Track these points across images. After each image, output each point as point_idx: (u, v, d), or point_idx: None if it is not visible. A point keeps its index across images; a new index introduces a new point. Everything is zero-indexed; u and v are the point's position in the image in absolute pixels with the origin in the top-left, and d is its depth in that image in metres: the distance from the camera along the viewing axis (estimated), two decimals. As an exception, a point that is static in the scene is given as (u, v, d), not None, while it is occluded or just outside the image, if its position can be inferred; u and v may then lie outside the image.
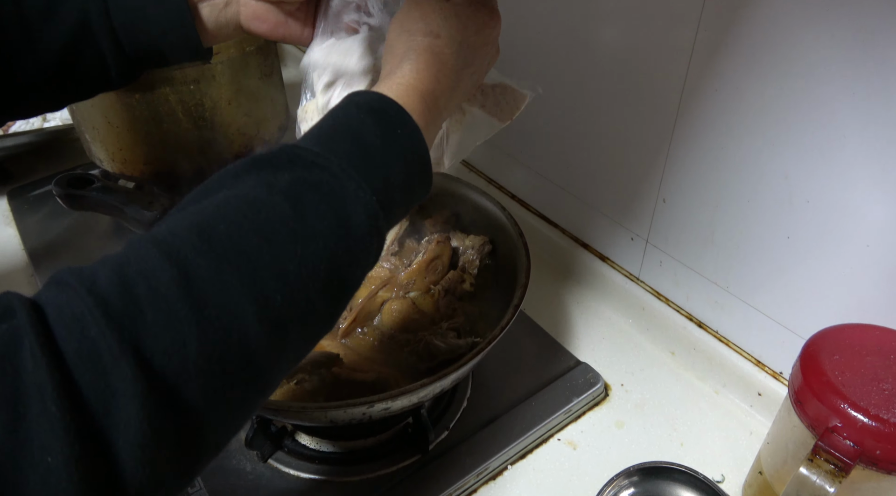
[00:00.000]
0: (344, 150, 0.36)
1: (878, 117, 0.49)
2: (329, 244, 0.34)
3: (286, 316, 0.32)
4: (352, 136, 0.37)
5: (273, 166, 0.35)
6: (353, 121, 0.38)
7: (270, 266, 0.31)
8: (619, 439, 0.67)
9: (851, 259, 0.55)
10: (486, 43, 0.46)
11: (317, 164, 0.35)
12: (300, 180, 0.34)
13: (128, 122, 0.80)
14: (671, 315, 0.75)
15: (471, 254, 0.69)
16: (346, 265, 0.35)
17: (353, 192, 0.35)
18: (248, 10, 0.50)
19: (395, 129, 0.38)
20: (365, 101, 0.39)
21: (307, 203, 0.34)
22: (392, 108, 0.39)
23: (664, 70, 0.64)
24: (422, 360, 0.57)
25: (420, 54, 0.41)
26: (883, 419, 0.44)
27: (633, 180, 0.74)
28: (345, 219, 0.35)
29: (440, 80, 0.42)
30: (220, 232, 0.31)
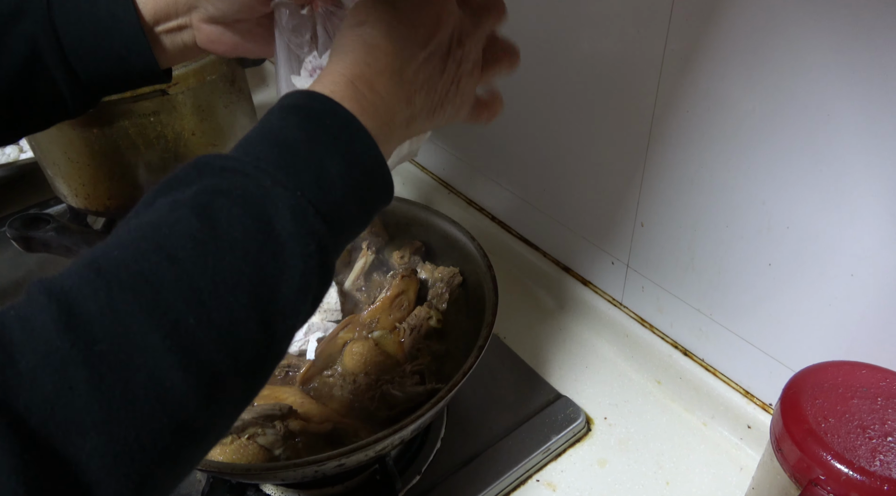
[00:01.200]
0: (262, 150, 0.32)
1: (861, 141, 0.45)
2: (249, 252, 0.29)
3: (205, 339, 0.27)
4: (272, 136, 0.33)
5: (182, 182, 0.31)
6: (275, 122, 0.34)
7: (176, 285, 0.27)
8: (602, 479, 0.63)
9: (836, 289, 0.51)
10: (435, 23, 0.39)
11: (227, 168, 0.31)
12: (208, 188, 0.30)
13: (87, 157, 0.78)
14: (656, 342, 0.72)
15: (440, 288, 0.66)
16: (275, 274, 0.30)
17: (270, 189, 0.31)
18: (203, 33, 0.48)
19: (323, 120, 0.34)
20: (290, 101, 0.35)
21: (216, 210, 0.29)
22: (318, 101, 0.35)
23: (635, 88, 0.61)
24: (381, 409, 0.54)
25: (345, 42, 0.38)
26: (869, 472, 0.40)
27: (610, 203, 0.71)
28: (264, 221, 0.30)
29: (370, 62, 0.37)
30: (112, 258, 0.27)
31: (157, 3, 0.46)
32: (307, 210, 0.31)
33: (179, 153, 0.82)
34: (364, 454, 0.48)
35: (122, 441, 0.24)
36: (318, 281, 0.32)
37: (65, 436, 0.23)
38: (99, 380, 0.24)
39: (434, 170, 1.03)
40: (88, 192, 0.81)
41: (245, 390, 0.30)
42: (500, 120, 0.81)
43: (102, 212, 0.84)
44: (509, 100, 0.79)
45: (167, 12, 0.46)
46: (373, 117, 0.36)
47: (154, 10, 0.46)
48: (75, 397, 0.24)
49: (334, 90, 0.35)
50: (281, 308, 0.30)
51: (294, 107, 0.35)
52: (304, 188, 0.32)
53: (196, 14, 0.46)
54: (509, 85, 0.78)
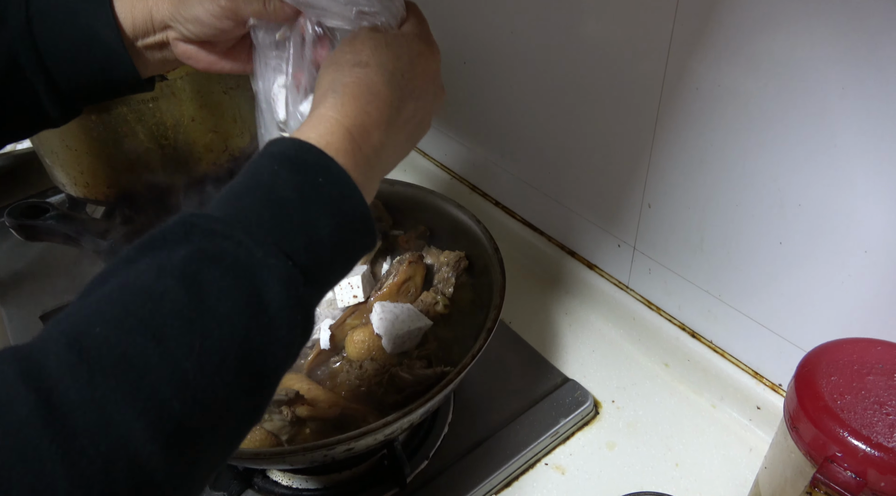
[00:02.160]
0: (251, 210, 0.31)
1: (874, 114, 0.44)
2: (237, 328, 0.28)
3: (190, 423, 0.26)
4: (262, 192, 0.32)
5: (167, 244, 0.29)
6: (264, 175, 0.32)
7: (161, 368, 0.26)
8: (611, 462, 0.63)
9: (849, 266, 0.51)
10: (425, 74, 0.41)
11: (217, 232, 0.30)
12: (196, 255, 0.29)
13: (86, 144, 0.77)
14: (663, 325, 0.71)
15: (446, 272, 0.65)
16: (262, 348, 0.29)
17: (262, 259, 0.30)
18: (179, 50, 0.47)
19: (316, 178, 0.33)
20: (280, 150, 0.33)
21: (205, 282, 0.28)
22: (311, 154, 0.33)
23: (642, 68, 0.60)
24: (389, 393, 0.53)
25: (346, 86, 0.36)
26: (887, 447, 0.40)
27: (617, 185, 0.70)
28: (254, 294, 0.29)
29: (370, 112, 0.36)
30: (94, 337, 0.26)
31: (135, 19, 0.45)
32: (297, 279, 0.31)
33: (180, 140, 0.80)
34: (373, 438, 0.48)
35: None
36: (301, 341, 0.32)
37: None
38: (79, 478, 0.23)
39: (437, 157, 1.02)
40: (87, 180, 0.80)
41: (225, 451, 0.30)
42: (505, 102, 0.81)
43: (102, 200, 0.83)
44: (515, 84, 0.78)
45: (145, 29, 0.46)
46: (363, 169, 0.35)
47: (133, 25, 0.45)
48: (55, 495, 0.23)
49: (330, 142, 0.34)
50: (266, 378, 0.30)
51: (286, 158, 0.33)
52: (294, 256, 0.31)
53: (171, 32, 0.46)
54: (515, 70, 0.77)
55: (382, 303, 0.59)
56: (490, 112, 0.85)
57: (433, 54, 0.42)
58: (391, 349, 0.57)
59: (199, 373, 0.27)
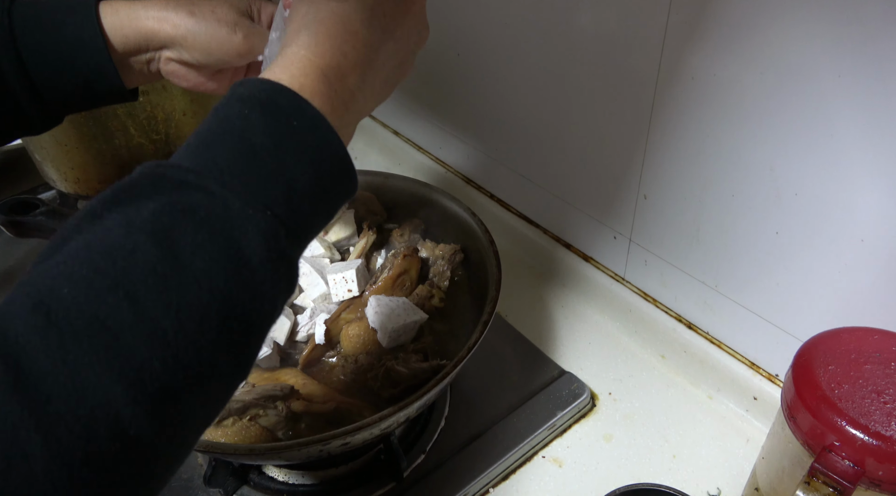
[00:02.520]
0: (224, 159, 0.29)
1: (870, 102, 0.44)
2: (216, 284, 0.27)
3: (173, 383, 0.25)
4: (233, 139, 0.30)
5: (134, 196, 0.27)
6: (234, 120, 0.30)
7: (138, 328, 0.25)
8: (608, 454, 0.63)
9: (846, 255, 0.51)
10: (409, 12, 0.38)
11: (188, 182, 0.28)
12: (167, 209, 0.27)
13: (76, 139, 0.76)
14: (659, 316, 0.71)
15: (441, 265, 0.64)
16: (245, 303, 0.28)
17: (240, 210, 0.28)
18: (168, 68, 0.47)
19: (290, 122, 0.30)
20: (249, 92, 0.31)
21: (178, 237, 0.26)
22: (284, 96, 0.31)
23: (637, 59, 0.59)
24: (384, 387, 0.53)
25: (321, 22, 0.33)
26: (885, 436, 0.40)
27: (612, 176, 0.69)
28: (233, 248, 0.27)
29: (346, 52, 0.33)
30: (62, 298, 0.24)
31: (126, 37, 0.44)
32: (278, 231, 0.29)
33: (171, 135, 0.80)
34: (369, 432, 0.47)
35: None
36: (286, 295, 0.31)
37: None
38: (57, 445, 0.22)
39: (431, 150, 1.01)
40: (78, 176, 0.79)
41: (210, 414, 0.29)
42: (499, 94, 0.80)
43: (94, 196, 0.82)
44: (510, 75, 0.78)
45: (138, 46, 0.45)
46: (339, 113, 0.33)
47: (124, 42, 0.45)
48: (31, 465, 0.22)
49: (303, 84, 0.32)
50: (250, 335, 0.29)
51: (256, 101, 0.31)
52: (274, 206, 0.29)
53: (167, 52, 0.46)
54: (510, 60, 0.77)
55: (377, 297, 0.59)
56: (484, 105, 0.84)
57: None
58: (386, 343, 0.56)
59: (178, 332, 0.25)
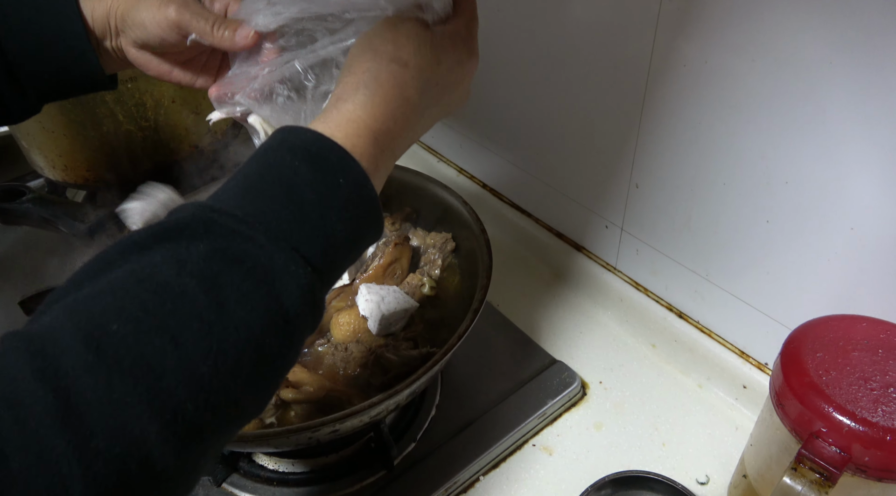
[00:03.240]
0: (272, 210, 0.30)
1: (861, 89, 0.44)
2: (254, 333, 0.28)
3: (200, 422, 0.27)
4: (282, 191, 0.31)
5: (185, 237, 0.29)
6: (284, 170, 0.31)
7: (178, 371, 0.26)
8: (598, 442, 0.63)
9: (836, 243, 0.51)
10: (459, 83, 0.40)
11: (239, 232, 0.29)
12: (217, 255, 0.29)
13: (63, 126, 0.75)
14: (650, 306, 0.71)
15: (432, 254, 0.64)
16: (276, 350, 0.29)
17: (284, 265, 0.30)
18: (132, 56, 0.47)
19: (337, 179, 0.32)
20: (300, 142, 0.32)
21: (225, 285, 0.28)
22: (334, 154, 0.32)
23: (630, 46, 0.59)
24: (374, 375, 0.53)
25: (381, 84, 0.35)
26: (871, 422, 0.40)
27: (604, 166, 0.69)
28: (274, 300, 0.29)
29: (398, 119, 0.35)
30: (113, 335, 0.26)
31: (95, 20, 0.45)
32: (314, 284, 0.31)
33: (160, 122, 0.79)
34: (359, 419, 0.47)
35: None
36: (309, 336, 0.33)
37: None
38: (93, 479, 0.24)
39: (424, 140, 1.01)
40: (66, 163, 0.79)
41: (227, 442, 0.31)
42: (492, 85, 0.80)
43: (82, 184, 0.81)
44: (501, 64, 0.77)
45: (103, 31, 0.45)
46: (382, 174, 0.35)
47: (93, 25, 0.45)
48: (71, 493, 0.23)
49: (355, 145, 0.33)
50: (276, 377, 0.31)
51: (307, 154, 0.32)
52: (313, 261, 0.31)
53: (123, 38, 0.46)
54: (501, 49, 0.76)
55: (368, 286, 0.58)
56: (476, 94, 0.83)
57: (472, 62, 0.41)
58: (377, 331, 0.56)
59: (213, 377, 0.27)
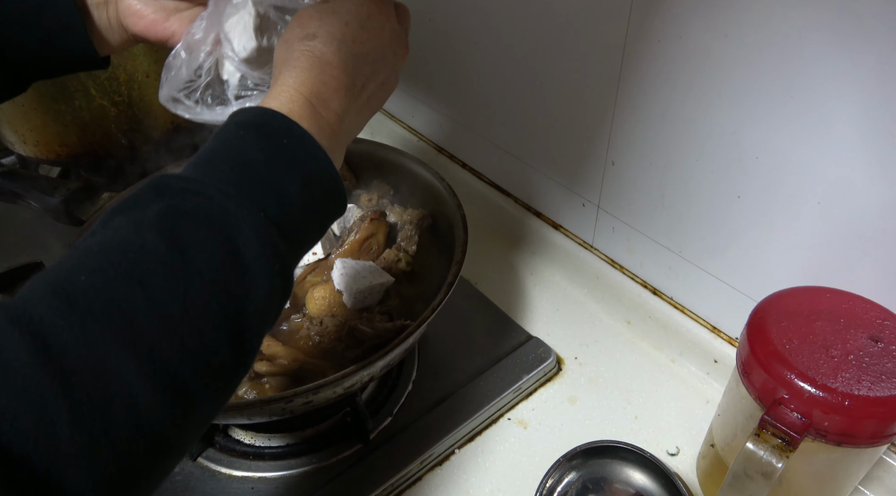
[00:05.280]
0: (222, 171, 0.33)
1: (830, 64, 0.45)
2: (217, 278, 0.30)
3: (179, 363, 0.27)
4: (230, 155, 0.33)
5: (140, 203, 0.31)
6: (231, 140, 0.34)
7: (149, 312, 0.27)
8: (572, 416, 0.64)
9: (803, 217, 0.52)
10: (379, 36, 0.41)
11: (189, 189, 0.31)
12: (171, 210, 0.30)
13: (34, 100, 0.74)
14: (626, 283, 0.72)
15: (409, 230, 0.64)
16: (242, 296, 0.30)
17: (235, 212, 0.31)
18: (124, 5, 0.46)
19: (281, 139, 0.34)
20: (245, 118, 0.35)
21: (182, 235, 0.29)
22: (275, 119, 0.35)
23: (606, 22, 0.59)
24: (349, 348, 0.53)
25: (298, 59, 0.38)
26: (831, 388, 0.41)
27: (580, 144, 0.69)
28: (230, 244, 0.30)
29: (325, 81, 0.37)
30: (79, 284, 0.27)
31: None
32: (270, 231, 0.32)
33: (134, 97, 0.78)
34: (332, 391, 0.48)
35: (102, 469, 0.25)
36: (281, 296, 0.34)
37: (48, 468, 0.23)
38: (79, 414, 0.24)
39: (402, 117, 1.01)
40: (38, 138, 0.77)
41: (216, 402, 0.31)
42: (470, 61, 0.79)
43: (55, 160, 0.80)
44: (478, 44, 0.77)
45: None
46: (327, 134, 0.37)
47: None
48: (57, 431, 0.24)
49: (292, 109, 0.36)
50: (248, 326, 0.31)
51: (251, 124, 0.35)
52: (266, 209, 0.32)
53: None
54: (477, 28, 0.76)
55: (343, 260, 0.58)
56: (455, 72, 0.83)
57: (386, 14, 0.42)
58: (352, 305, 0.56)
59: (185, 318, 0.28)
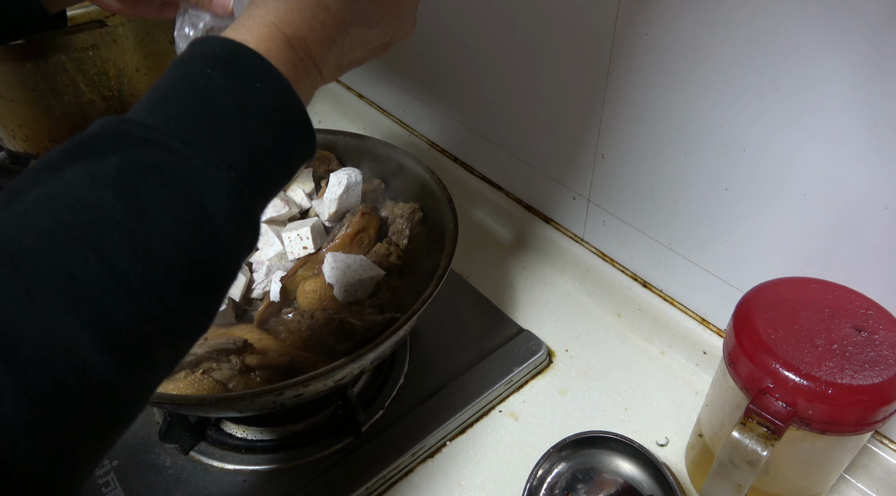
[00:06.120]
0: (187, 118, 0.29)
1: (814, 56, 0.45)
2: (181, 240, 0.27)
3: (139, 334, 0.26)
4: (196, 99, 0.30)
5: (97, 150, 0.27)
6: (196, 78, 0.30)
7: (105, 281, 0.25)
8: (563, 407, 0.64)
9: (789, 209, 0.52)
10: (393, 4, 0.37)
11: (152, 140, 0.28)
12: (131, 164, 0.27)
13: (23, 95, 0.73)
14: (616, 276, 0.72)
15: (400, 224, 0.64)
16: (209, 260, 0.28)
17: (204, 169, 0.28)
18: None
19: (254, 84, 0.31)
20: (212, 50, 0.31)
21: (143, 193, 0.27)
22: (247, 58, 0.31)
23: (594, 15, 0.59)
24: (340, 341, 0.53)
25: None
26: (815, 377, 0.41)
27: (571, 137, 0.70)
28: (197, 206, 0.28)
29: (315, 27, 0.33)
30: (28, 248, 0.24)
31: None
32: (241, 189, 0.30)
33: (124, 91, 0.77)
34: (322, 383, 0.48)
35: (53, 442, 0.24)
36: (248, 251, 0.32)
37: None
38: (26, 388, 0.23)
39: (392, 111, 1.00)
40: (27, 133, 0.77)
41: (175, 362, 0.30)
42: (458, 57, 0.80)
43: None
44: (468, 37, 0.77)
45: None
46: (302, 85, 0.34)
47: None
48: (3, 407, 0.22)
49: (269, 48, 0.32)
50: (214, 290, 0.29)
51: (218, 60, 0.31)
52: (237, 166, 0.29)
53: None
54: (467, 21, 0.76)
55: (334, 254, 0.59)
56: (446, 67, 0.83)
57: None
58: (343, 298, 0.56)
59: (144, 285, 0.26)
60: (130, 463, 0.57)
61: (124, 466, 0.57)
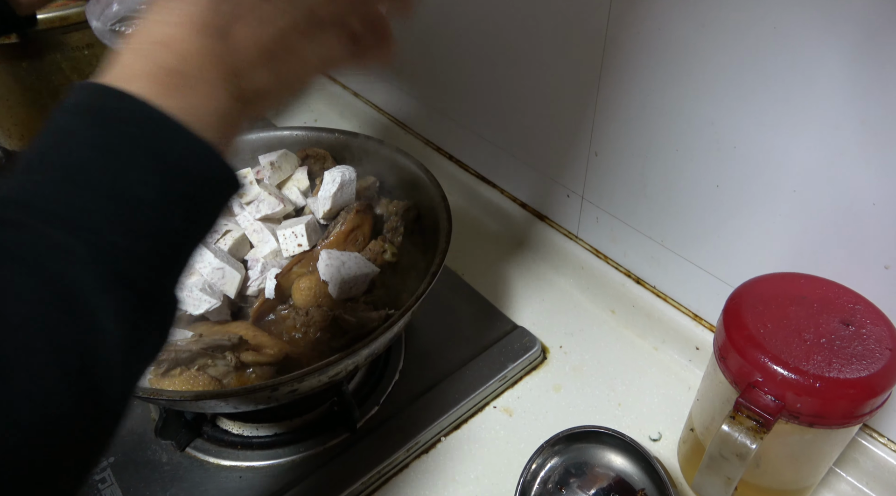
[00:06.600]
0: (48, 182, 0.24)
1: (802, 53, 0.45)
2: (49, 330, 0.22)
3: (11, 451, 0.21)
4: (58, 155, 0.25)
5: None
6: (60, 133, 0.26)
7: None
8: (557, 403, 0.65)
9: (779, 205, 0.53)
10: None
11: (3, 219, 0.23)
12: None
13: (18, 93, 0.73)
14: (610, 272, 0.73)
15: (394, 221, 0.65)
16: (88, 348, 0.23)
17: (62, 241, 0.23)
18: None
19: (118, 126, 0.25)
20: (78, 99, 0.26)
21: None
22: (111, 97, 0.26)
23: (586, 16, 0.60)
24: (334, 338, 0.54)
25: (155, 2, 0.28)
26: (803, 371, 0.42)
27: (564, 134, 0.70)
28: (61, 289, 0.23)
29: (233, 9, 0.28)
30: None
31: None
32: (114, 255, 0.24)
33: (118, 90, 0.78)
34: (317, 379, 0.48)
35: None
36: (149, 326, 0.26)
37: None
38: None
39: (388, 109, 1.01)
40: (23, 132, 0.77)
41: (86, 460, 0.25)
42: (453, 56, 0.80)
43: None
44: (461, 36, 0.78)
45: None
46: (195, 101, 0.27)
47: None
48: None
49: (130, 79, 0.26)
50: (108, 376, 0.24)
51: (85, 108, 0.26)
52: (101, 230, 0.24)
53: None
54: (459, 19, 0.76)
55: (329, 251, 0.59)
56: (439, 64, 0.84)
57: None
58: (337, 295, 0.57)
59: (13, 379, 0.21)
60: (127, 459, 0.58)
61: (121, 463, 0.57)
